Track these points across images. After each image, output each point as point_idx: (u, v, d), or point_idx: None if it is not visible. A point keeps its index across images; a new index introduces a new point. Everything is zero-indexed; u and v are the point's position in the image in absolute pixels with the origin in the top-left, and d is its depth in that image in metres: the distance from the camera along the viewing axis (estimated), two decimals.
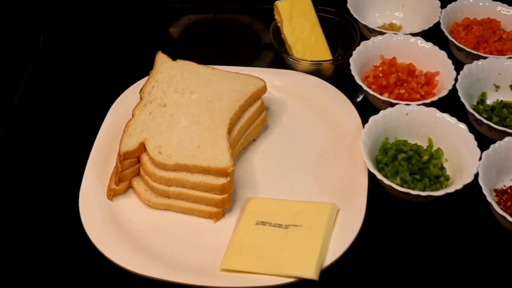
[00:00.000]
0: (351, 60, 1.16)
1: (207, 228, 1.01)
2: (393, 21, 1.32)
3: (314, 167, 1.08)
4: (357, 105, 1.15)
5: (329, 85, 1.17)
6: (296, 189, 1.05)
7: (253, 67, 1.20)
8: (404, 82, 1.17)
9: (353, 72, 1.14)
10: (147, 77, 1.15)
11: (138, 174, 1.05)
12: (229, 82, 1.12)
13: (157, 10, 1.42)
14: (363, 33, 1.26)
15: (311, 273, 0.92)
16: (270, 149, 1.12)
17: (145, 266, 0.95)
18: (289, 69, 1.21)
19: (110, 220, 1.01)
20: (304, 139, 1.12)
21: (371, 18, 1.32)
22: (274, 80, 1.18)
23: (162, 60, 1.14)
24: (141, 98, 1.09)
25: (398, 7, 1.33)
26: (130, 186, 1.05)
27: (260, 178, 1.07)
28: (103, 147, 1.09)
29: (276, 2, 1.23)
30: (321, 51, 1.22)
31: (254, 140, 1.12)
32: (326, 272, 0.94)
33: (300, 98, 1.17)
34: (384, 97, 1.12)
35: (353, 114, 1.13)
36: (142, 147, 1.03)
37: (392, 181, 1.01)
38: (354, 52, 1.17)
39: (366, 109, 1.14)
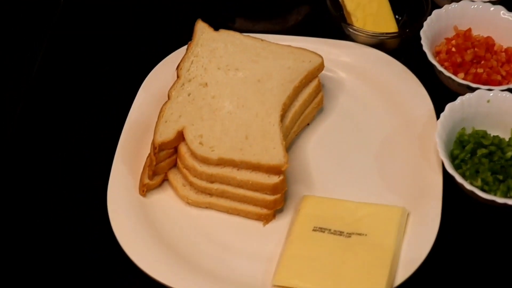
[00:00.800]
0: (421, 33, 0.99)
1: (255, 232, 0.87)
2: None
3: (378, 160, 0.93)
4: (425, 84, 0.99)
5: (396, 62, 1.01)
6: (356, 186, 0.91)
7: (305, 37, 1.04)
8: (481, 60, 1.00)
9: (424, 48, 0.97)
10: (184, 47, 0.99)
11: (175, 165, 0.91)
12: (281, 58, 0.96)
13: None
14: None
15: None
16: (326, 136, 0.96)
17: (183, 279, 0.82)
18: (347, 40, 1.05)
19: (143, 221, 0.87)
20: (366, 125, 0.97)
21: None
22: (330, 53, 1.01)
23: (202, 30, 0.98)
24: (178, 76, 0.94)
25: None
26: (165, 179, 0.91)
27: (314, 171, 0.92)
28: (133, 133, 0.94)
29: None
30: (384, 20, 1.05)
31: (308, 124, 0.97)
32: None
33: (360, 76, 1.01)
34: (461, 80, 0.95)
35: (424, 98, 0.97)
36: (180, 136, 0.88)
37: (472, 183, 0.86)
38: (425, 23, 1.00)
39: (435, 89, 0.99)
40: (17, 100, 1.04)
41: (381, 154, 0.93)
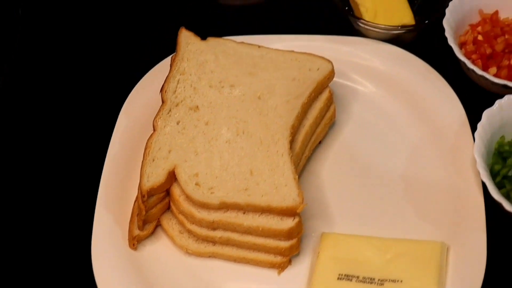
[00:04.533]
0: (445, 23, 0.84)
1: (268, 283, 0.74)
2: None
3: (405, 182, 0.79)
4: (452, 84, 0.85)
5: (417, 59, 0.86)
6: (383, 218, 0.77)
7: (309, 35, 0.89)
8: None
9: (450, 42, 0.83)
10: (166, 60, 0.84)
11: (169, 208, 0.77)
12: (283, 68, 0.81)
13: None
14: None
15: None
16: (342, 156, 0.82)
17: None
18: (357, 36, 0.90)
19: (135, 278, 0.73)
20: (387, 139, 0.83)
21: None
22: (339, 52, 0.87)
23: (187, 40, 0.83)
24: (163, 101, 0.79)
25: None
26: (158, 225, 0.78)
27: (332, 201, 0.79)
28: (116, 170, 0.80)
29: None
30: (398, 7, 0.89)
31: (320, 142, 0.83)
32: None
33: (375, 78, 0.86)
34: (496, 78, 0.81)
35: (453, 101, 0.83)
36: (172, 177, 0.74)
37: None
38: (447, 10, 0.86)
39: (465, 88, 0.85)
40: None
41: (408, 175, 0.80)
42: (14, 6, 0.98)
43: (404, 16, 0.89)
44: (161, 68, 0.85)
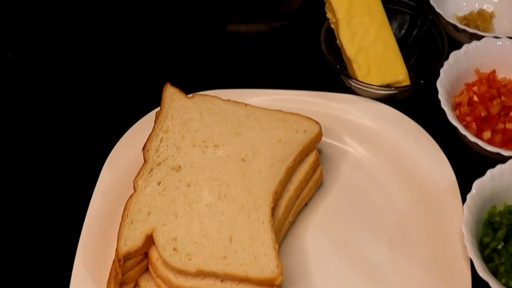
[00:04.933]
0: (438, 84, 0.82)
1: None
2: (484, 6, 0.97)
3: (392, 250, 0.77)
4: (444, 145, 0.83)
5: (409, 120, 0.84)
6: (367, 286, 0.74)
7: (296, 90, 0.87)
8: (510, 111, 0.84)
9: (443, 105, 0.81)
10: (151, 114, 0.83)
11: (147, 269, 0.75)
12: (270, 128, 0.79)
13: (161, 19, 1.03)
14: (447, 30, 0.92)
15: None
16: (328, 219, 0.80)
17: None
18: (347, 93, 0.88)
19: None
20: (375, 203, 0.80)
21: (454, 3, 0.97)
22: (328, 109, 0.85)
23: (172, 97, 0.81)
24: (144, 160, 0.77)
25: None
26: (136, 286, 0.76)
27: (315, 267, 0.76)
28: (96, 229, 0.78)
29: None
30: (392, 63, 0.87)
31: (306, 204, 0.81)
32: None
33: (365, 139, 0.84)
34: (491, 146, 0.78)
35: (444, 166, 0.80)
36: (150, 241, 0.72)
37: (509, 285, 0.70)
38: (442, 70, 0.83)
39: (456, 151, 0.83)
40: None
41: (395, 243, 0.77)
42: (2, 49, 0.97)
43: (398, 73, 0.87)
44: (146, 123, 0.83)
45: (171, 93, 0.81)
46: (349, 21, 0.87)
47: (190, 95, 0.82)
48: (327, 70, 0.89)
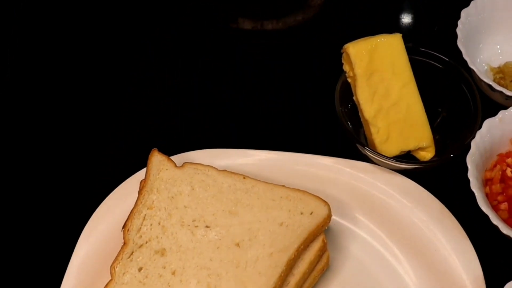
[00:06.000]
0: (468, 160, 0.71)
1: None
2: None
3: None
4: (471, 231, 0.72)
5: (432, 198, 0.73)
6: None
7: (302, 154, 0.76)
8: None
9: (473, 187, 0.69)
10: (136, 175, 0.73)
11: None
12: (271, 207, 0.68)
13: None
14: (479, 86, 0.80)
15: None
16: None
17: None
18: (362, 161, 0.77)
19: None
20: None
21: (489, 50, 0.85)
22: (341, 174, 0.74)
23: (158, 165, 0.70)
24: (124, 242, 0.67)
25: None
26: None
27: None
28: None
29: (346, 45, 0.76)
30: (416, 129, 0.76)
31: None
32: None
33: (379, 217, 0.73)
34: None
35: (470, 257, 0.69)
36: None
37: None
38: (473, 143, 0.72)
39: (485, 238, 0.72)
40: None
41: None
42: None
43: (422, 138, 0.76)
44: (126, 189, 0.72)
45: (157, 162, 0.70)
46: (369, 77, 0.75)
47: (181, 164, 0.71)
48: (343, 138, 0.78)
